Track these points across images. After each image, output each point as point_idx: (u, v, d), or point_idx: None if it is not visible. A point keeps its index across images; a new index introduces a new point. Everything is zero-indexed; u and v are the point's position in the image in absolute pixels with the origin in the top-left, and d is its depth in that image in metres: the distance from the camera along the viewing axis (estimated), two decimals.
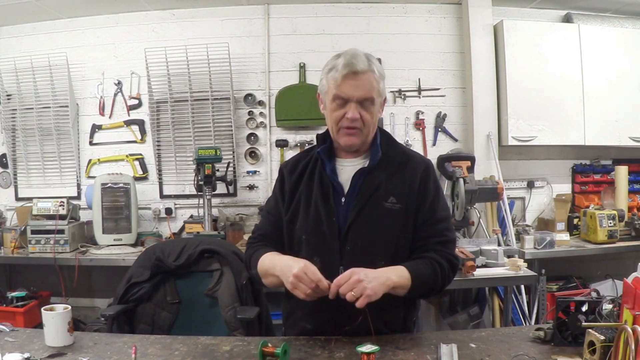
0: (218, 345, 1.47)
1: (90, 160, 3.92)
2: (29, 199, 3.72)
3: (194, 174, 3.47)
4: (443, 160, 3.42)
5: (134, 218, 3.59)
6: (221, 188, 3.64)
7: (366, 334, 1.41)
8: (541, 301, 3.47)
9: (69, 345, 1.47)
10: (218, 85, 3.79)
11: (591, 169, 4.04)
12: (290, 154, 3.82)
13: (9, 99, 3.88)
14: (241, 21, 3.89)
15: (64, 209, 3.45)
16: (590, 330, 1.25)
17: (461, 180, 3.18)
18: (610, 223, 3.39)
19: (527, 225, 3.71)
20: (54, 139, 3.86)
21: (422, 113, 3.91)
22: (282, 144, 3.86)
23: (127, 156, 3.91)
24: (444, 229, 1.54)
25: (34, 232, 3.38)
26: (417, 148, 3.86)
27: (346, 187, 1.54)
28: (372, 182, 1.52)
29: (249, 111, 3.88)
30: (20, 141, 3.90)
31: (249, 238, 1.70)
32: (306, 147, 3.33)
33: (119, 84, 3.88)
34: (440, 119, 3.91)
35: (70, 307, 1.51)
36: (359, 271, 1.35)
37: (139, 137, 3.91)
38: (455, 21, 3.93)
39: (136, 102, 3.90)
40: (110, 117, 3.91)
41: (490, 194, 3.30)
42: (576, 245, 3.47)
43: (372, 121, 1.51)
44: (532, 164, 4.01)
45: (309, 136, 3.87)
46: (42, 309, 1.50)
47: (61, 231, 3.37)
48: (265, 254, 1.55)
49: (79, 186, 3.93)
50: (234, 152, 3.83)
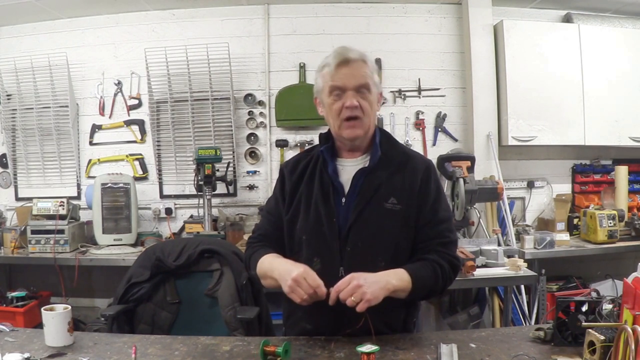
0: (218, 345, 1.47)
1: (90, 160, 3.92)
2: (29, 199, 3.72)
3: (194, 174, 3.47)
4: (443, 160, 3.42)
5: (134, 218, 3.59)
6: (221, 188, 3.65)
7: (366, 334, 1.41)
8: (541, 301, 3.47)
9: (69, 345, 1.47)
10: (218, 85, 3.79)
11: (591, 169, 4.04)
12: (290, 154, 3.82)
13: (9, 99, 3.88)
14: (241, 21, 3.89)
15: (64, 209, 3.45)
16: (590, 330, 1.25)
17: (461, 180, 3.18)
18: (610, 223, 3.39)
19: (527, 225, 3.71)
20: (54, 139, 3.86)
21: (422, 113, 3.91)
22: (282, 144, 3.86)
23: (127, 156, 3.91)
24: (445, 230, 1.54)
25: (34, 232, 3.38)
26: (417, 148, 3.86)
27: (347, 187, 1.53)
28: (373, 182, 1.51)
29: (249, 111, 3.88)
30: (20, 141, 3.90)
31: (248, 238, 1.70)
32: (306, 147, 3.34)
33: (119, 84, 3.88)
34: (440, 119, 3.91)
35: (70, 307, 1.51)
36: (359, 276, 1.35)
37: (139, 137, 3.91)
38: (455, 21, 3.93)
39: (136, 102, 3.91)
40: (110, 117, 3.91)
41: (490, 194, 3.30)
42: (576, 245, 3.47)
43: (371, 110, 1.51)
44: (532, 164, 4.01)
45: (309, 136, 3.87)
46: (42, 309, 1.50)
47: (61, 231, 3.38)
48: (265, 255, 1.55)
49: (79, 186, 3.93)
50: (234, 152, 3.84)
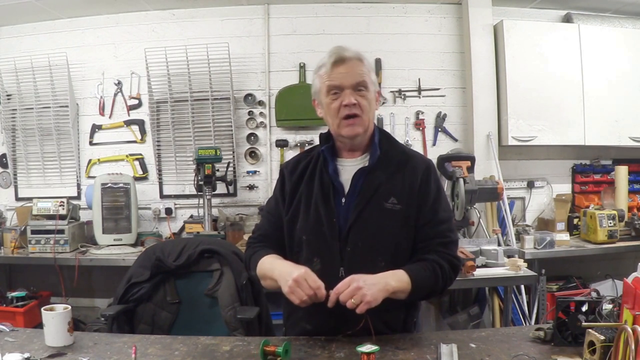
0: (218, 345, 1.47)
1: (90, 160, 3.92)
2: (29, 199, 3.72)
3: (194, 174, 3.47)
4: (443, 160, 3.42)
5: (134, 218, 3.59)
6: (221, 188, 3.65)
7: (366, 335, 1.41)
8: (541, 301, 3.47)
9: (69, 345, 1.47)
10: (218, 85, 3.79)
11: (591, 169, 4.04)
12: (290, 154, 3.82)
13: (9, 99, 3.88)
14: (241, 21, 3.89)
15: (64, 209, 3.45)
16: (590, 330, 1.25)
17: (461, 180, 3.18)
18: (610, 223, 3.39)
19: (527, 225, 3.70)
20: (54, 139, 3.86)
21: (422, 113, 3.91)
22: (282, 144, 3.86)
23: (127, 156, 3.91)
24: (445, 229, 1.53)
25: (34, 232, 3.38)
26: (417, 148, 3.86)
27: (346, 187, 1.53)
28: (373, 182, 1.51)
29: (249, 111, 3.88)
30: (20, 141, 3.90)
31: (248, 238, 1.70)
32: (306, 147, 3.34)
33: (119, 84, 3.88)
34: (440, 119, 3.91)
35: (70, 307, 1.51)
36: (358, 278, 1.35)
37: (139, 137, 3.91)
38: (455, 21, 3.93)
39: (136, 102, 3.90)
40: (110, 117, 3.91)
41: (490, 194, 3.30)
42: (576, 245, 3.47)
43: (369, 108, 1.51)
44: (532, 164, 4.01)
45: (309, 136, 3.87)
46: (42, 309, 1.50)
47: (61, 231, 3.38)
48: (265, 256, 1.55)
49: (79, 186, 3.93)
50: (234, 152, 3.83)
